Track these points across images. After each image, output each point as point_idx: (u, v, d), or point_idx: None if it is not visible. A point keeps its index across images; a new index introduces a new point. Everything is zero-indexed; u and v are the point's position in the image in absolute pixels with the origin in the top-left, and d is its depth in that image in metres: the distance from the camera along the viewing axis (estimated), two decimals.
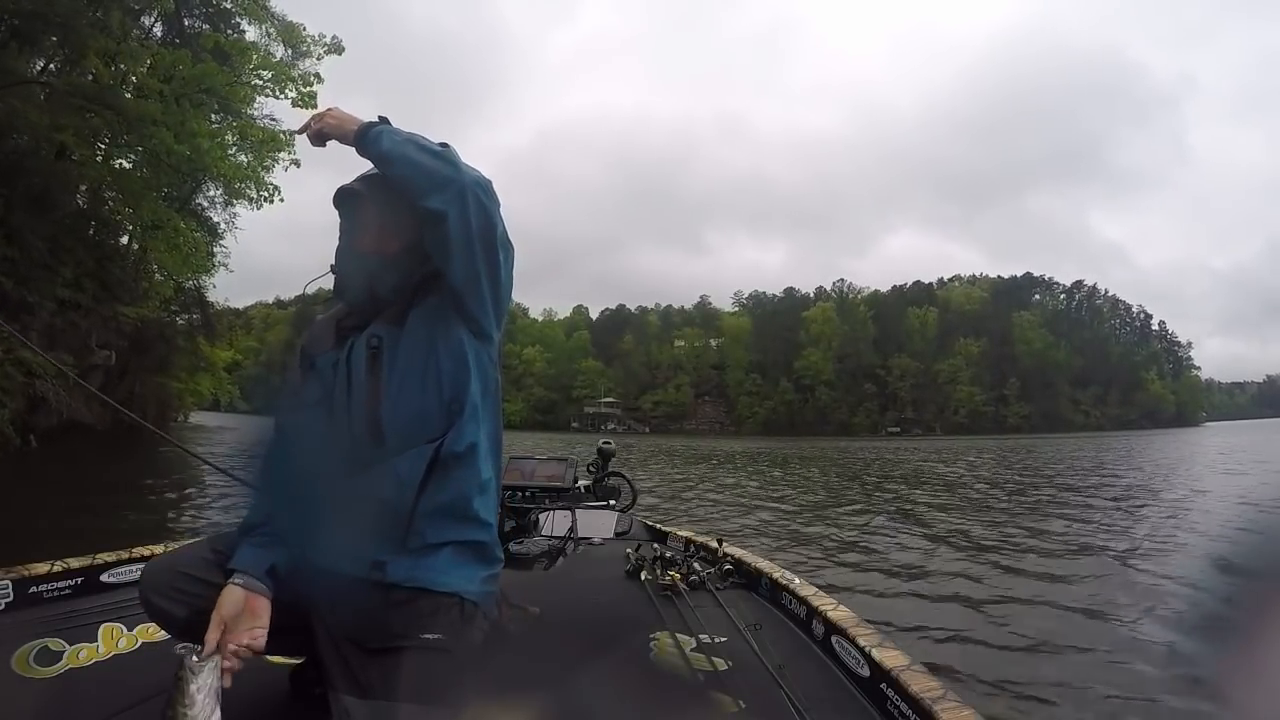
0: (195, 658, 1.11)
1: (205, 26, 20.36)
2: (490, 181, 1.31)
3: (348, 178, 1.42)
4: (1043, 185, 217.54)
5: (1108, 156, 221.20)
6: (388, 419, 1.32)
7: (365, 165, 1.35)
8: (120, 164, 20.95)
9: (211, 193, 24.72)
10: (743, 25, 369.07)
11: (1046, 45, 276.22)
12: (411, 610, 1.26)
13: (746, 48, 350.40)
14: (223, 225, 25.93)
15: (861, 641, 1.78)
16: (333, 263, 1.45)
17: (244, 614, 1.22)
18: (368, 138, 1.29)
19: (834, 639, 1.92)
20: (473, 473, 1.36)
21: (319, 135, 1.38)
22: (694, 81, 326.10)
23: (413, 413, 1.32)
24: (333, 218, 1.46)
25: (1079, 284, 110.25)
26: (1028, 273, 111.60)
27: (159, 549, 2.42)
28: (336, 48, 21.91)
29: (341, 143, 1.34)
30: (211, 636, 1.18)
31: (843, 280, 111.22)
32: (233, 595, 1.23)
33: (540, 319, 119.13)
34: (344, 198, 1.41)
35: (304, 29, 21.29)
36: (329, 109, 1.38)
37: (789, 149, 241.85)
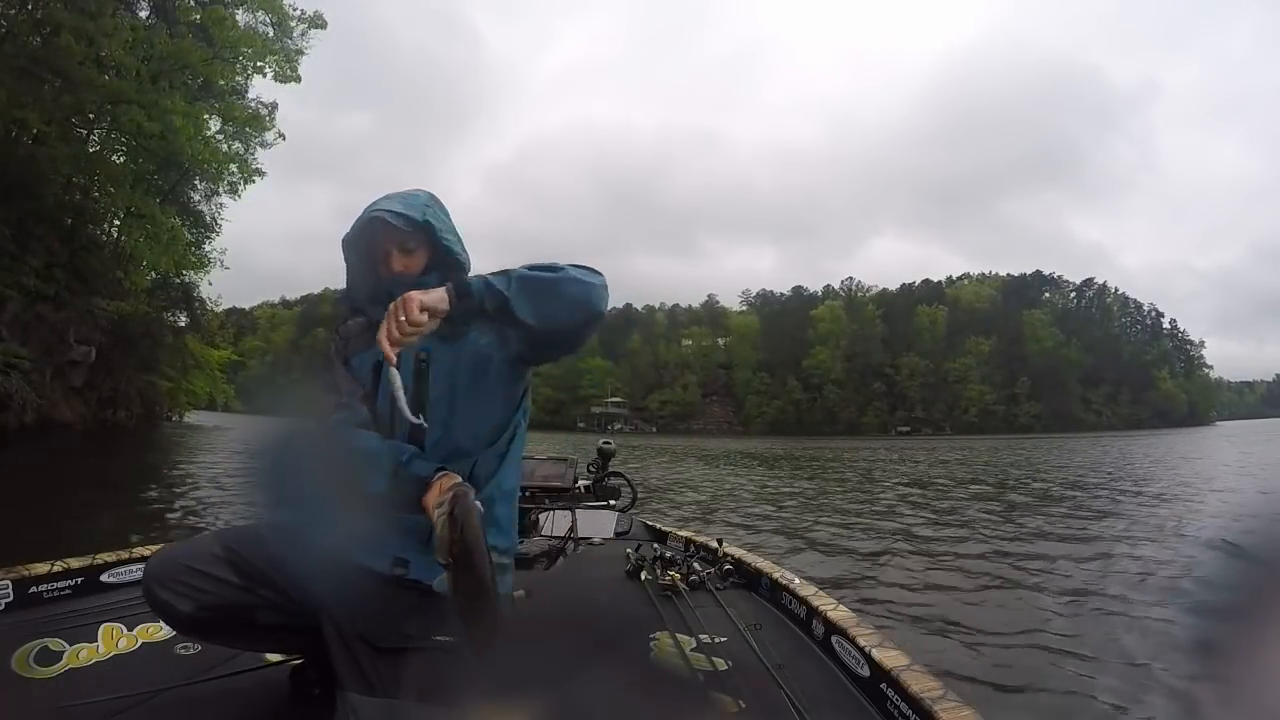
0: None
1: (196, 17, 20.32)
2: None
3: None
4: (1025, 190, 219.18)
5: (1083, 161, 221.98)
6: (430, 431, 1.35)
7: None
8: (99, 150, 20.84)
9: (200, 185, 24.71)
10: (715, 47, 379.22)
11: (1008, 58, 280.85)
12: (427, 610, 1.27)
13: (721, 67, 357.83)
14: (210, 217, 25.85)
15: (861, 641, 1.77)
16: (347, 287, 1.49)
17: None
18: (477, 282, 1.26)
19: (834, 639, 1.91)
20: (499, 482, 1.39)
21: (423, 325, 1.21)
22: (675, 97, 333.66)
23: (456, 428, 1.36)
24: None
25: (1089, 282, 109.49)
26: (1037, 270, 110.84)
27: (159, 549, 2.43)
28: (318, 22, 21.98)
29: (442, 315, 1.24)
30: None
31: (850, 279, 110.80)
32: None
33: None
34: (364, 227, 1.42)
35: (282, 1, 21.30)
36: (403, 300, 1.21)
37: (773, 159, 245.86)
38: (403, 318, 1.19)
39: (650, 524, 3.66)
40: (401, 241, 1.41)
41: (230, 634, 1.48)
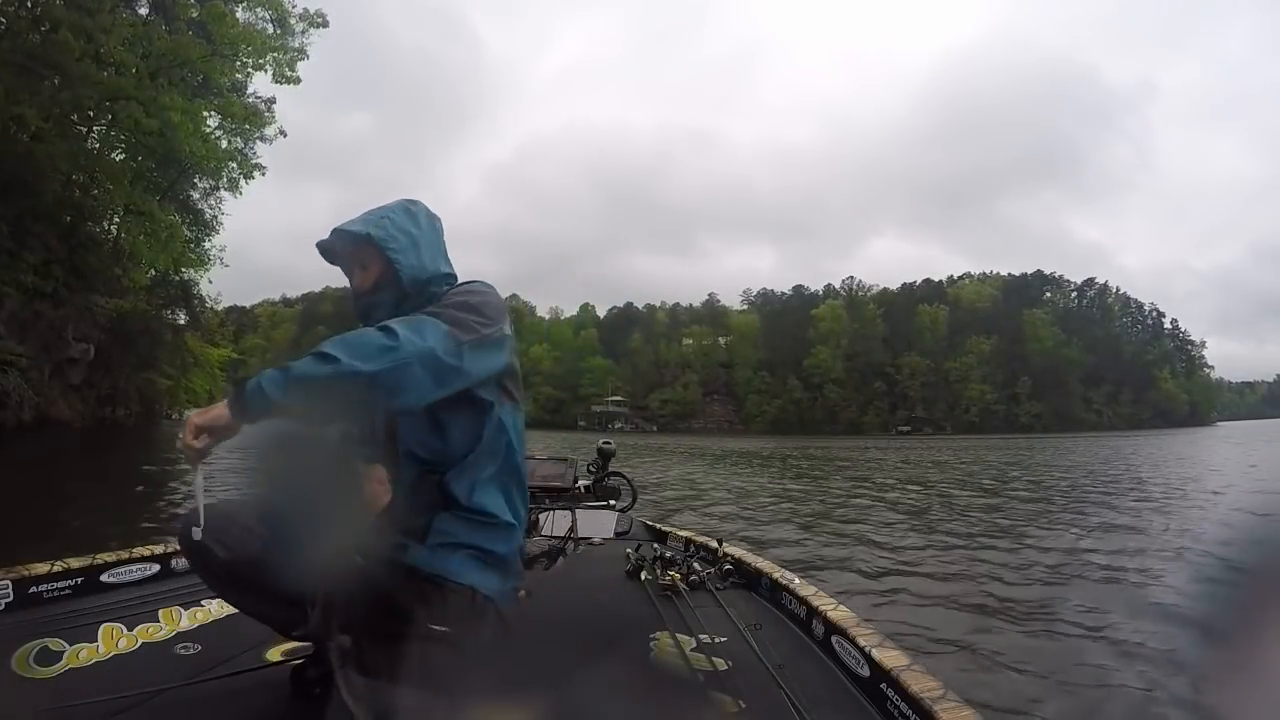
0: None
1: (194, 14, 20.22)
2: (432, 349, 1.22)
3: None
4: (1023, 190, 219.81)
5: (1081, 161, 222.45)
6: (403, 447, 1.37)
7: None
8: (99, 147, 20.77)
9: (200, 183, 24.71)
10: (713, 47, 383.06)
11: (1006, 59, 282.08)
12: (425, 600, 1.29)
13: (719, 67, 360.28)
14: (210, 215, 25.86)
15: (861, 641, 1.77)
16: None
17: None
18: (249, 387, 1.20)
19: (834, 639, 1.91)
20: (479, 497, 1.38)
21: (198, 449, 1.23)
22: (674, 98, 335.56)
23: (423, 444, 1.37)
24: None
25: (1090, 281, 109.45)
26: (1038, 270, 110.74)
27: (159, 549, 2.44)
28: (318, 20, 22.03)
29: (226, 431, 1.22)
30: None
31: (852, 278, 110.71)
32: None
33: (547, 317, 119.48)
34: (322, 252, 1.50)
35: None
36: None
37: (772, 159, 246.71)
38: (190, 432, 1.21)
39: (650, 524, 3.66)
40: (359, 258, 1.46)
41: (254, 594, 1.47)
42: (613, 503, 3.84)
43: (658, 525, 3.63)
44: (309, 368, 1.17)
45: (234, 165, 22.76)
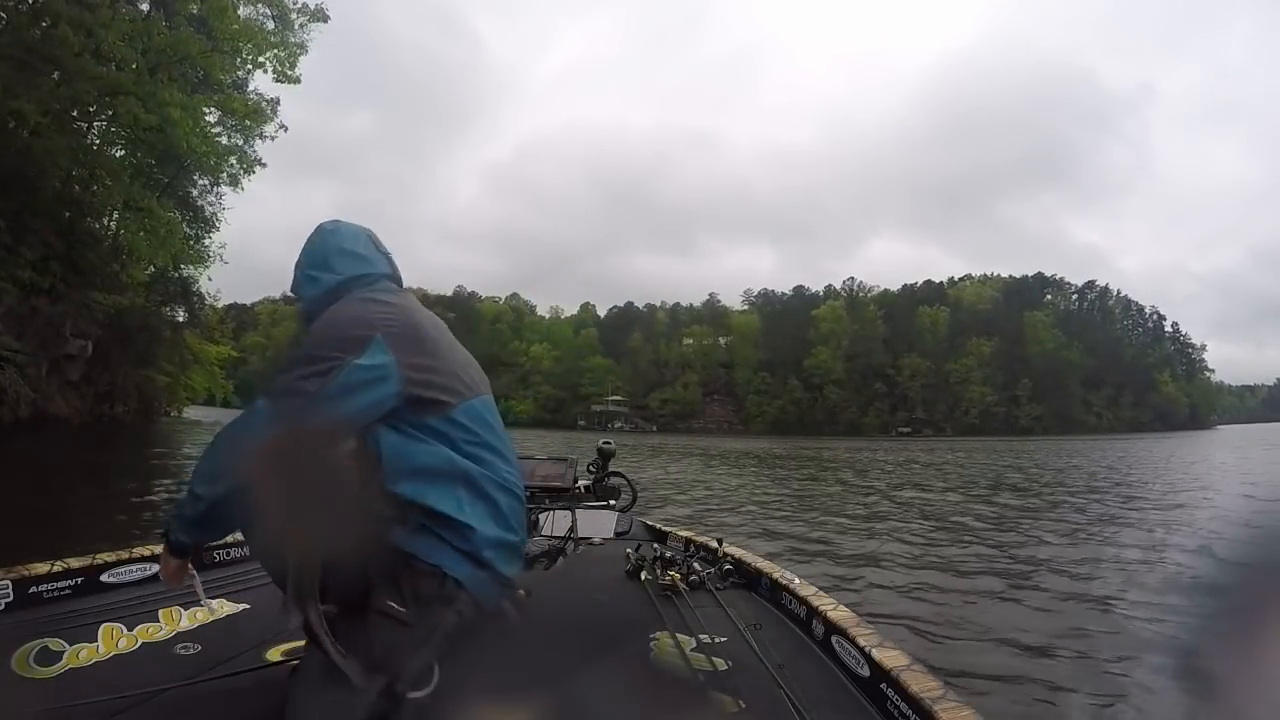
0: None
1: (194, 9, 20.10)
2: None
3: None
4: (1022, 192, 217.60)
5: (1080, 164, 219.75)
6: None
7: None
8: (99, 143, 20.67)
9: (202, 181, 24.63)
10: (712, 48, 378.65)
11: (1005, 61, 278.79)
12: (394, 575, 1.30)
13: (718, 67, 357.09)
14: (209, 211, 25.66)
15: (861, 641, 1.77)
16: None
17: None
18: (172, 540, 1.43)
19: (834, 639, 1.91)
20: (438, 492, 1.34)
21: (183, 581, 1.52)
22: (674, 98, 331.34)
23: (361, 453, 1.36)
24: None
25: (1090, 284, 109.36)
26: (1039, 272, 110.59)
27: (159, 549, 2.43)
28: (319, 15, 22.00)
29: (185, 565, 1.49)
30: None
31: (852, 279, 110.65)
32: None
33: (547, 316, 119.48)
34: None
35: None
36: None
37: (772, 160, 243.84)
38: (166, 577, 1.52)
39: (650, 524, 3.66)
40: None
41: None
42: (612, 503, 3.84)
43: (658, 525, 3.63)
44: (188, 511, 1.36)
45: (234, 161, 22.75)
